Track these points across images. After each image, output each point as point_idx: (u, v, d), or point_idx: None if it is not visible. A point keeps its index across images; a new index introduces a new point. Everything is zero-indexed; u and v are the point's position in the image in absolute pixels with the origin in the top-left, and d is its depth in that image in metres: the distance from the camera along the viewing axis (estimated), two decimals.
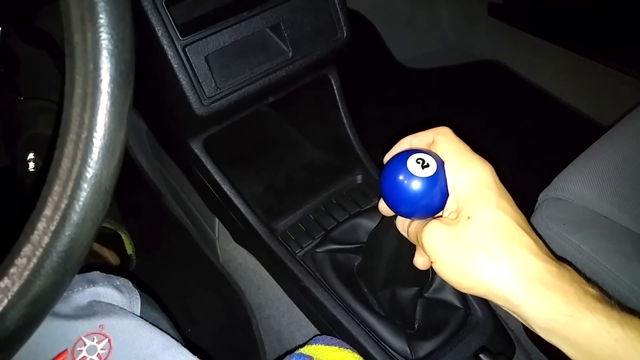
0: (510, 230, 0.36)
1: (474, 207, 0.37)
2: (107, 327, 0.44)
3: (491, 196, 0.38)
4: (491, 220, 0.36)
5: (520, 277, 0.34)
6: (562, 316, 0.33)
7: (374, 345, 0.66)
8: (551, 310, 0.33)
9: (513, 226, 0.36)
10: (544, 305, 0.33)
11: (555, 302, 0.33)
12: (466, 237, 0.36)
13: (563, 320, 0.33)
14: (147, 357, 0.44)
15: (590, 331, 0.32)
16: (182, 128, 0.76)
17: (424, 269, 0.45)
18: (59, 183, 0.27)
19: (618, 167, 0.69)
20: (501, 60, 1.50)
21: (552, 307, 0.33)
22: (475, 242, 0.36)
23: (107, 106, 0.27)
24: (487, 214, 0.37)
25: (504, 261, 0.35)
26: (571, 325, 0.33)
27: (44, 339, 0.42)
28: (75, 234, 0.27)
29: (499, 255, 0.35)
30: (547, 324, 0.34)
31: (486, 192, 0.38)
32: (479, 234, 0.36)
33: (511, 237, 0.36)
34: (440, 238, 0.37)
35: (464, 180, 0.39)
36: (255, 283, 0.92)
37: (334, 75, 0.82)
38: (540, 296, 0.34)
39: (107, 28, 0.27)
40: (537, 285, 0.34)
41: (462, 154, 0.40)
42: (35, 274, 0.27)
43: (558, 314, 0.33)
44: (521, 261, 0.35)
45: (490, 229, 0.36)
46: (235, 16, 0.66)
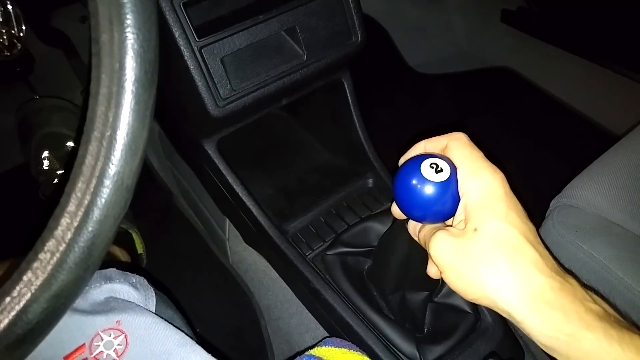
0: (516, 244, 0.36)
1: (481, 218, 0.37)
2: (124, 323, 0.45)
3: (500, 207, 0.37)
4: (497, 233, 0.36)
5: (523, 294, 0.34)
6: (562, 335, 0.33)
7: (383, 349, 0.66)
8: (552, 328, 0.33)
9: (519, 239, 0.36)
10: (544, 324, 0.34)
11: (556, 321, 0.33)
12: (472, 250, 0.36)
13: (563, 339, 0.33)
14: (163, 354, 0.44)
15: (590, 350, 0.32)
16: (196, 129, 0.77)
17: (436, 279, 0.45)
18: (83, 180, 0.28)
19: (631, 175, 0.69)
20: (513, 66, 1.50)
21: (553, 326, 0.33)
22: (481, 255, 0.36)
23: (131, 105, 0.28)
24: (494, 226, 0.36)
25: (508, 276, 0.35)
26: (571, 344, 0.33)
27: (62, 333, 0.42)
28: (97, 230, 0.28)
29: (503, 269, 0.35)
30: (548, 341, 0.34)
31: (495, 202, 0.38)
32: (485, 246, 0.36)
33: (516, 251, 0.36)
34: (447, 249, 0.37)
35: (474, 188, 0.39)
36: (265, 284, 0.93)
37: (347, 79, 0.83)
38: (542, 314, 0.34)
39: (134, 28, 0.27)
40: (538, 303, 0.34)
41: (474, 161, 0.40)
42: (58, 269, 0.28)
43: (558, 333, 0.33)
44: (525, 277, 0.35)
45: (496, 242, 0.36)
46: (252, 19, 0.67)
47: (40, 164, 1.01)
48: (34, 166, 1.01)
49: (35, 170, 1.01)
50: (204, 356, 0.46)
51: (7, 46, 0.71)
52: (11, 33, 0.70)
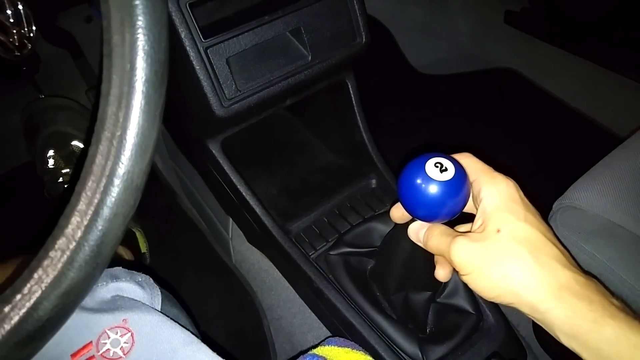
0: (538, 243, 0.38)
1: (502, 220, 0.39)
2: (130, 321, 0.45)
3: (518, 210, 0.39)
4: (520, 233, 0.38)
5: (549, 286, 0.36)
6: (586, 322, 0.34)
7: (385, 349, 0.66)
8: (576, 316, 0.35)
9: (541, 238, 0.38)
10: (569, 312, 0.35)
11: (581, 309, 0.35)
12: (497, 250, 0.38)
13: (586, 327, 0.34)
14: (168, 352, 0.45)
15: (612, 337, 0.34)
16: (201, 129, 0.77)
17: (444, 281, 0.48)
18: (93, 179, 0.28)
19: (634, 177, 0.69)
20: (516, 68, 1.50)
21: (577, 314, 0.35)
22: (506, 253, 0.37)
23: (141, 105, 0.28)
24: (516, 227, 0.38)
25: (534, 271, 0.36)
26: (594, 331, 0.34)
27: (70, 330, 0.42)
28: (107, 228, 0.28)
29: (530, 265, 0.37)
30: (571, 329, 0.35)
31: (513, 206, 0.40)
32: (510, 246, 0.38)
33: (540, 249, 0.37)
34: (471, 252, 0.39)
35: (491, 194, 0.41)
36: (268, 284, 0.93)
37: (351, 79, 0.83)
38: (567, 303, 0.35)
39: (145, 30, 0.28)
40: (564, 292, 0.36)
41: (487, 172, 0.42)
42: (68, 266, 0.28)
43: (582, 320, 0.35)
44: (550, 271, 0.36)
45: (520, 241, 0.38)
46: (257, 20, 0.67)
47: (45, 163, 1.02)
48: (39, 165, 1.02)
49: (41, 169, 1.02)
50: (210, 354, 0.46)
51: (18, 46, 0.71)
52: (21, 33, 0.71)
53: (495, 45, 1.54)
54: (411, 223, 0.49)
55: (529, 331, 0.78)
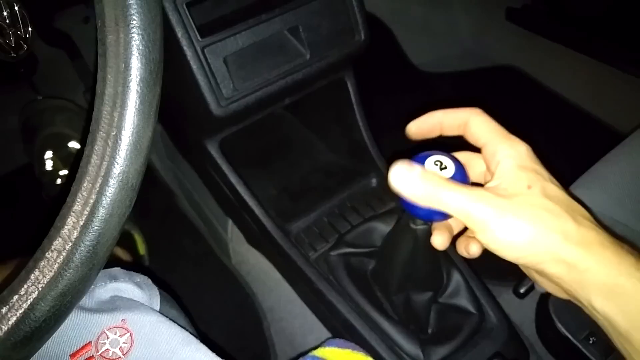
0: (571, 203, 0.36)
1: (531, 178, 0.37)
2: (129, 321, 0.45)
3: (542, 171, 0.37)
4: (552, 191, 0.36)
5: (590, 243, 0.34)
6: (631, 279, 0.33)
7: (387, 350, 0.66)
8: (620, 274, 0.33)
9: (571, 200, 0.36)
10: (612, 269, 0.33)
11: (625, 266, 0.33)
12: (531, 205, 0.35)
13: (630, 285, 0.33)
14: (167, 352, 0.44)
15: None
16: (199, 129, 0.77)
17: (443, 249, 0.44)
18: (89, 179, 0.28)
19: (636, 174, 0.68)
20: (518, 65, 1.49)
21: (622, 271, 0.33)
22: (542, 209, 0.35)
23: (136, 105, 0.28)
24: (547, 185, 0.36)
25: (573, 228, 0.34)
26: (637, 291, 0.33)
27: (68, 330, 0.42)
28: (102, 228, 0.28)
29: (568, 222, 0.34)
30: (612, 289, 0.33)
31: (536, 166, 0.38)
32: (544, 202, 0.35)
33: (574, 209, 0.36)
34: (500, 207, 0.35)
35: (512, 155, 0.38)
36: (268, 285, 0.93)
37: (350, 78, 0.83)
38: (609, 260, 0.33)
39: (139, 29, 0.27)
40: (606, 251, 0.34)
41: (502, 133, 0.40)
42: (65, 267, 0.28)
43: (627, 278, 0.33)
44: (588, 229, 0.35)
45: (553, 199, 0.35)
46: (254, 18, 0.66)
47: (43, 165, 1.01)
48: (38, 167, 1.02)
49: (39, 171, 1.02)
50: (209, 355, 0.46)
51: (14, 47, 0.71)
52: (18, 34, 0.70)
53: (497, 42, 1.54)
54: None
55: (532, 331, 0.77)
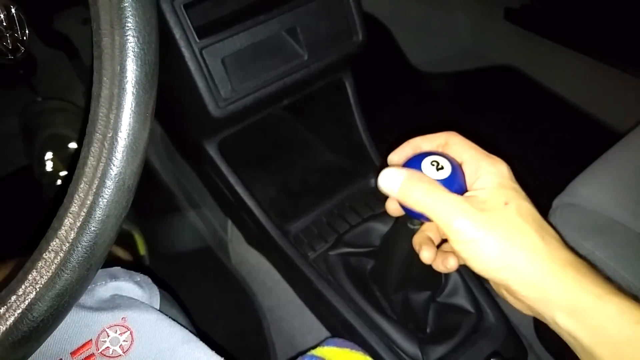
0: (541, 222, 0.38)
1: (508, 195, 0.38)
2: (130, 319, 0.45)
3: (519, 189, 0.39)
4: (526, 209, 0.38)
5: (553, 262, 0.35)
6: (590, 297, 0.34)
7: (385, 349, 0.66)
8: (580, 291, 0.34)
9: (542, 219, 0.38)
10: (573, 287, 0.34)
11: (585, 284, 0.34)
12: (504, 222, 0.37)
13: (589, 302, 0.34)
14: (168, 350, 0.45)
15: (615, 313, 0.33)
16: (198, 130, 0.77)
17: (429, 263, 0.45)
18: (85, 181, 0.28)
19: (634, 173, 0.69)
20: (517, 64, 1.50)
21: (581, 289, 0.34)
22: (513, 226, 0.36)
23: (132, 106, 0.28)
24: (522, 204, 0.38)
25: (540, 247, 0.36)
26: (597, 307, 0.33)
27: (69, 329, 0.43)
28: (99, 229, 0.29)
29: (536, 241, 0.36)
30: (572, 306, 0.34)
31: (514, 185, 0.39)
32: (516, 220, 0.37)
33: (543, 228, 0.37)
34: (476, 220, 0.37)
35: (490, 172, 0.40)
36: (267, 285, 0.93)
37: (348, 78, 0.83)
38: (570, 278, 0.35)
39: (134, 32, 0.28)
40: (567, 268, 0.35)
41: (481, 152, 0.42)
42: (62, 268, 0.28)
43: (586, 295, 0.34)
44: (553, 249, 0.36)
45: (526, 217, 0.37)
46: (252, 19, 0.67)
47: (43, 166, 1.01)
48: (38, 168, 1.02)
49: (39, 172, 1.02)
50: (208, 353, 0.46)
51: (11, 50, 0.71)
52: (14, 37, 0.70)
53: (495, 42, 1.54)
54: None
55: (530, 330, 0.78)
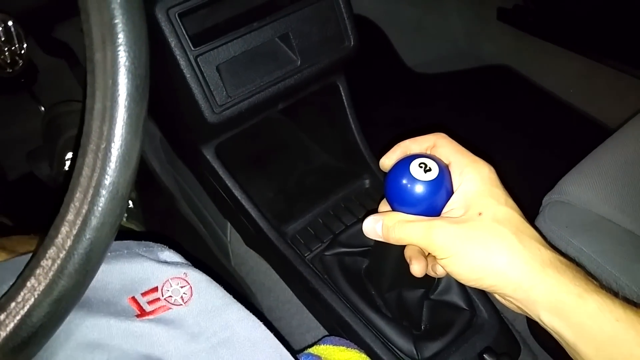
0: (519, 224, 0.39)
1: (484, 204, 0.40)
2: (189, 276, 0.49)
3: (499, 194, 0.40)
4: (502, 215, 0.39)
5: (533, 262, 0.37)
6: (571, 296, 0.35)
7: (380, 346, 0.67)
8: (560, 290, 0.35)
9: (521, 221, 0.39)
10: (554, 287, 0.36)
11: (565, 283, 0.36)
12: (480, 232, 0.38)
13: (570, 301, 0.35)
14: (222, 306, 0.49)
15: (595, 311, 0.34)
16: (194, 135, 0.79)
17: (420, 276, 0.47)
18: (80, 190, 0.29)
19: (622, 169, 0.70)
20: (510, 64, 1.51)
21: (562, 288, 0.35)
22: (489, 234, 0.38)
23: (124, 119, 0.30)
24: (498, 210, 0.39)
25: (518, 249, 0.37)
26: (577, 305, 0.35)
27: (141, 273, 0.47)
28: (94, 237, 0.30)
29: (513, 244, 0.37)
30: (555, 305, 0.36)
31: (494, 190, 0.41)
32: (492, 227, 0.38)
33: (521, 230, 0.38)
34: (453, 236, 0.39)
35: (472, 178, 0.41)
36: (266, 286, 0.94)
37: (342, 82, 0.84)
38: (551, 278, 0.36)
39: (125, 47, 0.29)
40: (548, 268, 0.36)
41: (467, 155, 0.43)
42: (59, 274, 0.30)
43: (567, 294, 0.35)
44: (533, 250, 0.37)
45: (502, 223, 0.38)
46: (246, 27, 0.68)
47: (63, 165, 1.04)
48: (57, 166, 1.04)
49: (57, 170, 1.04)
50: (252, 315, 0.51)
51: (10, 63, 0.73)
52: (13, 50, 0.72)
53: (489, 42, 1.55)
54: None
55: (524, 326, 0.79)
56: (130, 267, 0.47)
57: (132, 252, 0.49)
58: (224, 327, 0.48)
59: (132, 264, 0.48)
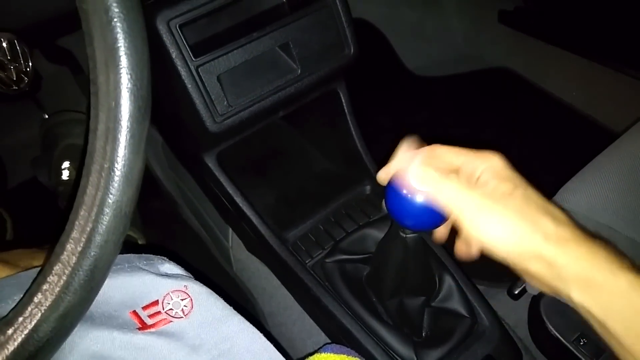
0: (547, 205, 0.40)
1: (509, 185, 0.40)
2: (190, 288, 0.50)
3: (518, 177, 0.42)
4: (530, 195, 0.40)
5: (568, 241, 0.37)
6: (603, 273, 0.36)
7: (382, 353, 0.67)
8: (593, 268, 0.36)
9: (546, 202, 0.40)
10: (587, 264, 0.36)
11: (598, 261, 0.36)
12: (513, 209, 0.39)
13: (602, 278, 0.36)
14: (222, 318, 0.50)
15: (625, 288, 0.35)
16: (196, 143, 0.79)
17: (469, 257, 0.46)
18: (85, 208, 0.30)
19: (623, 177, 0.70)
20: (512, 67, 1.51)
21: (595, 266, 0.36)
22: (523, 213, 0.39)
23: (126, 139, 0.30)
24: (527, 190, 0.41)
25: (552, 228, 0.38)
26: (609, 282, 0.36)
27: (142, 286, 0.49)
28: (99, 254, 0.31)
29: (550, 222, 0.38)
30: (586, 282, 0.36)
31: (512, 173, 0.42)
32: (525, 206, 0.39)
33: (551, 211, 0.39)
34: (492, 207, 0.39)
35: (490, 167, 0.42)
36: (268, 291, 0.95)
37: (342, 89, 0.85)
38: (585, 255, 0.37)
39: (128, 69, 0.30)
40: (582, 247, 0.37)
41: (471, 152, 0.44)
42: (65, 290, 0.30)
43: (599, 271, 0.36)
44: (567, 229, 0.38)
45: (534, 202, 0.40)
46: (246, 37, 0.68)
47: (60, 174, 1.05)
48: (54, 176, 1.05)
49: (55, 180, 1.05)
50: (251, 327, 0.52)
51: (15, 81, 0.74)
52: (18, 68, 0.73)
53: (490, 45, 1.55)
54: None
55: (526, 333, 0.79)
56: (131, 281, 0.48)
57: (133, 265, 0.50)
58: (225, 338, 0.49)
59: (132, 278, 0.49)
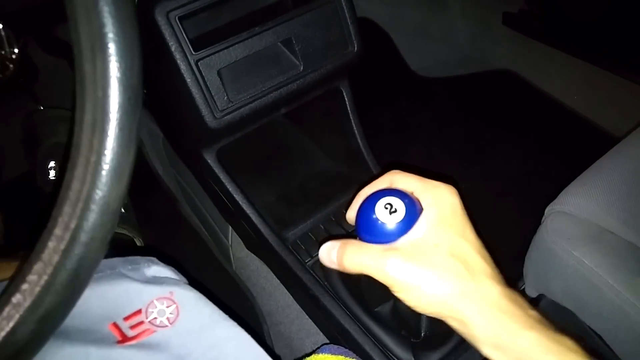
0: (474, 259, 0.39)
1: (441, 235, 0.40)
2: (176, 294, 0.48)
3: (457, 224, 0.40)
4: (458, 248, 0.39)
5: (481, 303, 0.38)
6: (507, 334, 0.37)
7: (379, 354, 0.66)
8: (500, 329, 0.37)
9: (475, 255, 0.40)
10: (495, 327, 0.37)
11: (505, 323, 0.37)
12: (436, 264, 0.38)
13: (507, 338, 0.37)
14: (210, 324, 0.48)
15: (527, 346, 0.37)
16: (196, 140, 0.78)
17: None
18: (69, 204, 0.28)
19: (625, 181, 0.69)
20: (515, 69, 1.50)
21: (501, 328, 0.37)
22: (445, 268, 0.38)
23: (115, 132, 0.28)
24: (454, 243, 0.39)
25: (470, 285, 0.38)
26: (513, 342, 0.37)
27: (122, 296, 0.46)
28: (84, 252, 0.29)
29: (467, 280, 0.38)
30: (494, 342, 0.38)
31: (453, 220, 0.40)
32: (447, 261, 0.39)
33: (474, 264, 0.39)
34: (408, 272, 0.38)
35: (433, 206, 0.41)
36: (267, 290, 0.94)
37: (345, 87, 0.83)
38: (494, 318, 0.38)
39: (116, 57, 0.28)
40: (493, 309, 0.38)
41: (426, 182, 0.43)
42: (45, 291, 0.28)
43: (504, 333, 0.37)
44: (482, 286, 0.38)
45: (457, 257, 0.39)
46: (248, 31, 0.67)
47: (46, 174, 1.03)
48: (40, 176, 1.03)
49: (42, 180, 1.03)
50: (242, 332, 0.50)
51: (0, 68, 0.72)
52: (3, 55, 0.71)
53: (494, 47, 1.54)
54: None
55: None
56: (112, 290, 0.46)
57: (116, 272, 0.48)
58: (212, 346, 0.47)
59: (114, 287, 0.46)
